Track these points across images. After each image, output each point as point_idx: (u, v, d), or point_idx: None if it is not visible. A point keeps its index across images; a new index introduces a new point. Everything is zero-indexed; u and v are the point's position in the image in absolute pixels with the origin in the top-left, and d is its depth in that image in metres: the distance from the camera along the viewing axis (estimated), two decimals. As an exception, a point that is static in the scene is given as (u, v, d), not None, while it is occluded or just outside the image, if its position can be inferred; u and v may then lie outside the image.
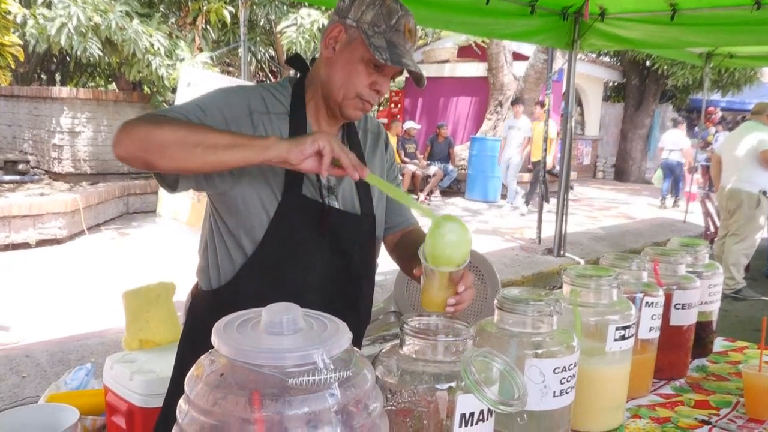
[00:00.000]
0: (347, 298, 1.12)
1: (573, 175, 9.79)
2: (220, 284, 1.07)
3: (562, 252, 5.63)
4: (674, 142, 8.92)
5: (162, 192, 4.39)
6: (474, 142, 9.65)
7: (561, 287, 1.05)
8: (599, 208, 9.21)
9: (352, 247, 1.06)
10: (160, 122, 0.88)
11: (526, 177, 8.60)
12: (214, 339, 0.54)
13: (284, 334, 0.55)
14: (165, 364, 1.71)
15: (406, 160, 9.23)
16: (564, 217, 5.58)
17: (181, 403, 0.52)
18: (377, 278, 1.23)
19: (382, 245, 1.18)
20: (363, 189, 1.16)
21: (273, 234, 1.01)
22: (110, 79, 9.84)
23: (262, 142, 0.86)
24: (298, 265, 1.04)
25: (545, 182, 6.92)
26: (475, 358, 0.70)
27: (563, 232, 5.61)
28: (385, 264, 1.25)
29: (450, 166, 9.51)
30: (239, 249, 1.04)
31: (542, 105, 7.60)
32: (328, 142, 0.85)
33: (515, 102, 8.24)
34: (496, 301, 0.90)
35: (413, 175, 8.66)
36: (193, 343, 1.11)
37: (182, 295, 1.32)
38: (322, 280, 1.06)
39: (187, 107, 0.95)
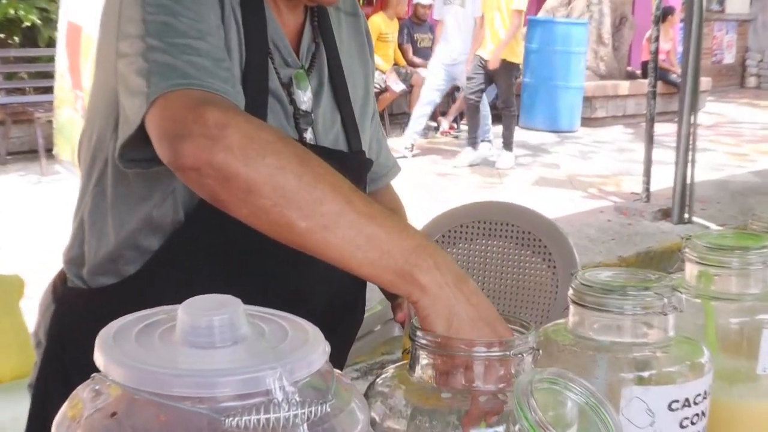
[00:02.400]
0: (328, 290, 1.19)
1: (704, 83, 9.78)
2: (115, 279, 1.16)
3: (686, 215, 5.70)
4: None
5: (60, 120, 4.50)
6: (534, 28, 9.63)
7: (682, 270, 1.08)
8: (751, 139, 9.26)
9: None
10: (303, 158, 0.95)
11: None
12: (98, 356, 0.55)
13: (216, 346, 0.56)
14: (8, 414, 1.74)
15: (417, 60, 9.23)
16: (690, 156, 5.61)
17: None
18: None
19: None
20: (347, 111, 1.26)
21: None
22: None
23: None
24: (253, 241, 1.10)
25: (509, 107, 7.02)
26: (537, 385, 0.72)
27: (689, 182, 5.66)
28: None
29: (492, 71, 9.47)
30: (152, 221, 1.12)
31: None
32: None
33: None
34: (571, 292, 0.92)
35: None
36: (62, 369, 1.16)
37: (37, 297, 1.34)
38: (288, 264, 1.13)
39: (206, 51, 1.03)
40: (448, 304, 0.85)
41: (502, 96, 7.75)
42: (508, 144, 7.72)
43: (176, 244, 1.13)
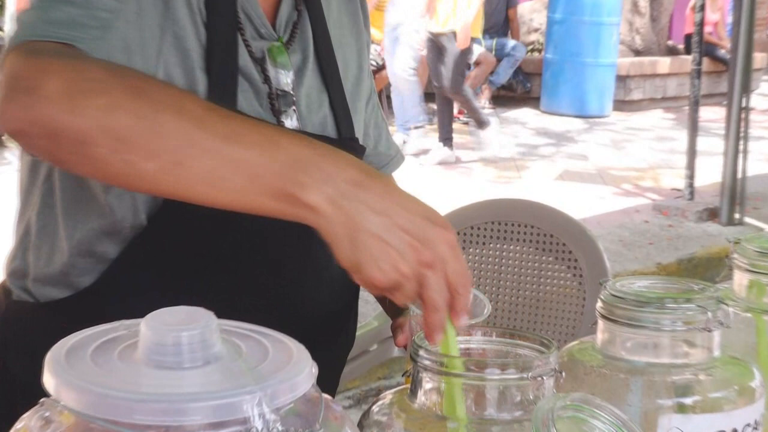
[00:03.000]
0: (312, 300, 1.21)
1: (759, 60, 9.81)
2: (68, 292, 1.16)
3: (737, 215, 5.70)
4: None
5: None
6: (558, -6, 9.61)
7: (730, 279, 1.08)
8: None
9: None
10: (115, 72, 0.95)
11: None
12: (48, 378, 0.55)
13: (185, 367, 0.56)
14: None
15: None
16: (741, 146, 5.60)
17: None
18: None
19: None
20: (337, 91, 1.26)
21: None
22: None
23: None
24: (226, 246, 1.14)
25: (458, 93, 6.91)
26: (560, 413, 0.71)
27: (740, 177, 5.65)
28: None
29: (510, 43, 9.51)
30: (108, 225, 1.12)
31: None
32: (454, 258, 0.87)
33: None
34: (599, 305, 0.93)
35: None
36: (6, 393, 1.16)
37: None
38: (266, 271, 1.16)
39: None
40: (347, 221, 0.84)
41: (453, 78, 7.59)
42: (447, 138, 7.55)
43: (137, 251, 1.13)
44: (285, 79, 1.20)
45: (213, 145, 0.88)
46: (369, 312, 1.63)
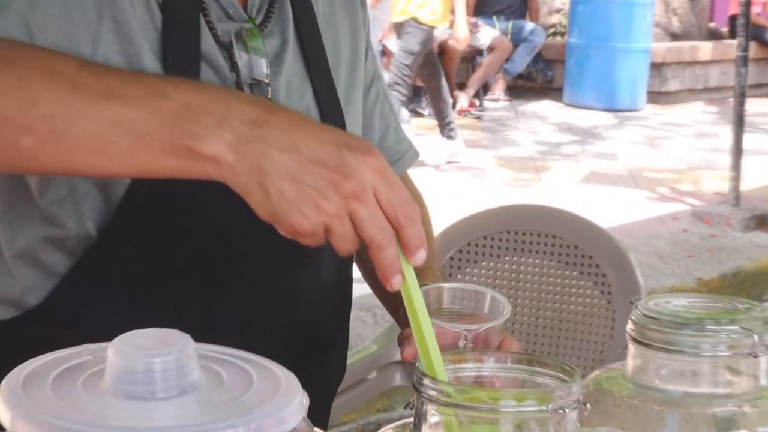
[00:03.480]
0: (293, 316, 1.22)
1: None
2: (14, 311, 1.16)
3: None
4: None
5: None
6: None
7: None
8: None
9: None
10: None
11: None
12: (2, 410, 0.55)
13: (158, 397, 0.56)
14: None
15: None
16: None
17: None
18: (358, 292, 1.33)
19: None
20: (324, 79, 1.25)
21: (135, 194, 1.09)
22: None
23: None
24: (195, 257, 1.14)
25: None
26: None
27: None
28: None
29: (528, 26, 9.48)
30: (52, 233, 1.12)
31: None
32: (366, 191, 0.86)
33: None
34: (630, 327, 0.93)
35: (445, 51, 8.61)
36: None
37: None
38: (240, 284, 1.17)
39: None
40: (253, 166, 0.84)
41: (419, 71, 7.65)
42: (446, 125, 7.54)
43: (90, 264, 1.12)
44: (260, 66, 1.19)
45: (90, 107, 0.88)
46: (367, 334, 1.64)
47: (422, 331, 0.83)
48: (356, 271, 1.33)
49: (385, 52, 8.60)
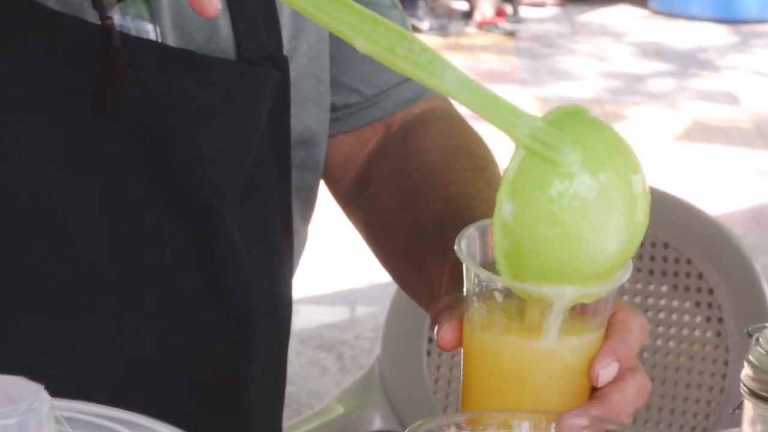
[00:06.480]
0: (200, 361, 1.17)
1: None
2: None
3: None
4: None
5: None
6: None
7: None
8: None
9: (213, 183, 1.19)
10: None
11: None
12: None
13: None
14: None
15: None
16: None
17: None
18: (312, 319, 1.45)
19: (326, 192, 1.41)
20: None
21: None
22: None
23: None
24: (21, 261, 1.12)
25: None
26: None
27: None
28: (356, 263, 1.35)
29: None
30: None
31: None
32: None
33: None
34: (746, 374, 0.82)
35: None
36: None
37: None
38: (111, 310, 1.14)
39: None
40: None
41: None
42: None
43: None
44: None
45: None
46: (328, 389, 1.53)
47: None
48: (303, 289, 1.15)
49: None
